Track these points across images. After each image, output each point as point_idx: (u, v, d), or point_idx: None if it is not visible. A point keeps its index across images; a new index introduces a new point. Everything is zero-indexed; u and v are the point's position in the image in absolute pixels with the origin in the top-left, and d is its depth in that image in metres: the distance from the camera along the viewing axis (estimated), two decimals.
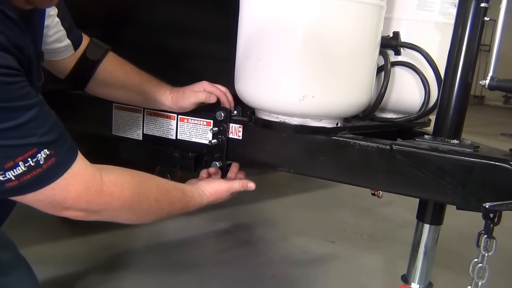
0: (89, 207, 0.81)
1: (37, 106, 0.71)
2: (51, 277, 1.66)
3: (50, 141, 0.72)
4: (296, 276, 1.89)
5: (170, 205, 0.95)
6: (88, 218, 0.82)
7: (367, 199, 1.56)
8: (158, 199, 0.91)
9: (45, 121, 0.72)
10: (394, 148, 0.94)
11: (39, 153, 0.70)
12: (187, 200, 1.00)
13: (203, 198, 1.04)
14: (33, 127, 0.70)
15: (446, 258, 1.93)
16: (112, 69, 1.17)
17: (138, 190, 0.87)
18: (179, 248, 2.05)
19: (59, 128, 0.76)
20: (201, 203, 1.04)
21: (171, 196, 0.96)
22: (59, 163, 0.74)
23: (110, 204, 0.83)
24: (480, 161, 0.87)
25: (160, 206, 0.92)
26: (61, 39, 1.07)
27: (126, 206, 0.85)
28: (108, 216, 0.85)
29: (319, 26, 0.94)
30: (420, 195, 1.00)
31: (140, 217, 0.91)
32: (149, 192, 0.90)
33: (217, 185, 1.08)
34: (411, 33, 1.18)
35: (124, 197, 0.84)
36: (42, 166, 0.71)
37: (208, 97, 1.16)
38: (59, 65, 1.12)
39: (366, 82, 1.04)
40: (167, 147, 1.26)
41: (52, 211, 0.79)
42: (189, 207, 1.00)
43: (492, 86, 0.93)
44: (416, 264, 1.12)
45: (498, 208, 0.86)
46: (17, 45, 0.72)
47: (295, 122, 1.03)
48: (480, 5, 0.93)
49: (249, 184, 1.13)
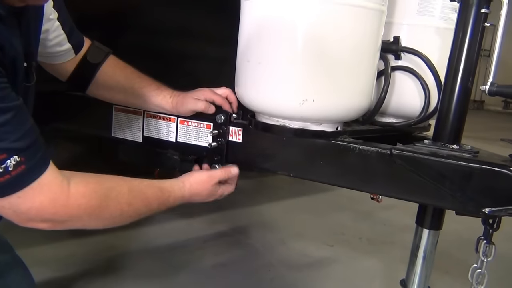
0: (54, 218, 0.78)
1: (13, 110, 0.69)
2: (49, 279, 1.66)
3: (21, 148, 0.70)
4: (294, 279, 1.89)
5: (146, 206, 0.93)
6: (53, 229, 0.80)
7: (366, 203, 1.57)
8: (131, 203, 0.89)
9: (20, 127, 0.70)
10: (393, 153, 0.94)
11: (9, 159, 0.68)
12: (165, 196, 0.97)
13: (184, 190, 1.01)
14: (6, 131, 0.67)
15: (445, 263, 1.93)
16: (113, 72, 1.17)
17: (106, 198, 0.84)
18: (178, 250, 2.05)
19: (34, 135, 0.73)
20: (182, 196, 1.00)
21: (145, 196, 0.93)
22: (29, 171, 0.72)
23: (77, 216, 0.80)
24: (479, 167, 0.87)
25: (133, 208, 0.90)
26: (61, 43, 1.07)
27: (94, 215, 0.83)
28: (76, 225, 0.82)
29: (320, 30, 0.94)
30: (420, 200, 1.00)
31: (112, 222, 0.89)
32: (119, 198, 0.87)
33: (198, 175, 1.05)
34: (412, 38, 1.18)
35: (92, 207, 0.81)
36: (10, 172, 0.69)
37: (207, 108, 1.14)
38: (60, 68, 1.12)
39: (366, 87, 1.04)
40: (167, 150, 1.26)
41: (16, 220, 0.76)
42: (169, 202, 0.97)
43: (492, 91, 0.93)
44: (415, 268, 1.12)
45: (498, 214, 0.86)
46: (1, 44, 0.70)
47: (295, 125, 1.03)
48: (481, 10, 0.93)
49: (231, 169, 1.09)
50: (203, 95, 1.16)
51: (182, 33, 1.79)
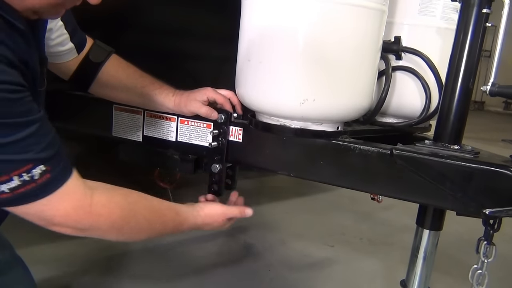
0: (77, 226, 0.81)
1: (38, 122, 0.71)
2: (49, 277, 1.66)
3: (46, 158, 0.72)
4: (295, 280, 1.89)
5: (162, 225, 0.96)
6: (76, 235, 0.83)
7: (367, 203, 1.57)
8: (150, 220, 0.92)
9: (44, 137, 0.72)
10: (394, 153, 0.94)
11: (34, 168, 0.71)
12: (180, 220, 1.00)
13: (197, 218, 1.04)
14: (32, 143, 0.70)
15: (445, 263, 1.93)
16: (115, 72, 1.18)
17: (128, 212, 0.87)
18: (178, 250, 2.05)
19: (57, 145, 0.76)
20: (195, 223, 1.04)
21: (163, 216, 0.96)
22: (53, 180, 0.74)
23: (97, 224, 0.83)
24: (480, 167, 0.87)
25: (151, 226, 0.93)
26: (64, 42, 1.07)
27: (114, 227, 0.86)
28: (96, 234, 0.85)
29: (320, 30, 0.94)
30: (420, 200, 0.99)
31: (130, 237, 0.92)
32: (140, 214, 0.90)
33: (213, 207, 1.08)
34: (413, 38, 1.18)
35: (113, 219, 0.84)
36: (36, 181, 0.71)
37: (209, 114, 1.15)
38: (63, 67, 1.12)
39: (367, 87, 1.03)
40: (167, 149, 1.25)
41: (42, 224, 0.79)
42: (183, 226, 1.01)
43: (493, 92, 0.93)
44: (415, 269, 1.12)
45: (498, 215, 0.86)
46: (23, 59, 0.72)
47: (295, 125, 1.03)
48: (482, 10, 0.93)
49: (246, 210, 1.13)
50: (206, 94, 1.16)
51: (183, 32, 1.78)
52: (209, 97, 1.16)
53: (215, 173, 1.17)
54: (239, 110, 1.17)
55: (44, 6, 0.72)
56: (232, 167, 1.26)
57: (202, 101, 1.16)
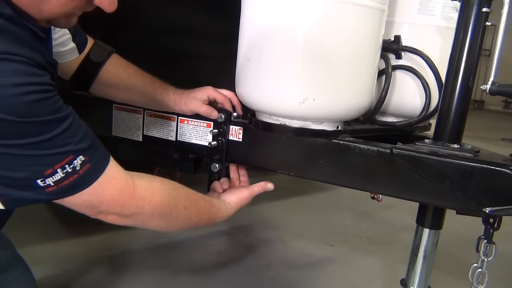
0: (122, 211, 0.83)
1: (70, 117, 0.74)
2: (50, 277, 1.66)
3: (84, 148, 0.75)
4: (294, 279, 1.89)
5: (198, 215, 0.97)
6: (120, 222, 0.86)
7: (367, 202, 1.57)
8: (187, 207, 0.93)
9: (79, 129, 0.76)
10: (394, 152, 0.94)
11: (75, 159, 0.74)
12: (214, 211, 1.02)
13: (229, 209, 1.07)
14: (69, 136, 0.73)
15: (445, 262, 1.93)
16: (115, 71, 1.18)
17: (168, 197, 0.89)
18: (178, 249, 2.05)
19: (91, 135, 0.79)
20: (227, 214, 1.06)
21: (199, 206, 0.98)
22: (94, 168, 0.77)
23: (142, 208, 0.85)
24: (480, 166, 0.87)
25: (188, 214, 0.94)
26: (66, 42, 1.08)
27: (156, 211, 0.88)
28: (140, 220, 0.87)
29: (320, 29, 0.94)
30: (420, 199, 0.99)
31: (169, 224, 0.94)
32: (178, 200, 0.92)
33: (240, 193, 1.11)
34: (412, 37, 1.18)
35: (155, 202, 0.87)
36: (78, 172, 0.74)
37: (209, 113, 1.16)
38: (64, 67, 1.12)
39: (367, 86, 1.04)
40: (167, 149, 1.26)
41: (88, 213, 0.82)
42: (216, 219, 1.02)
43: (493, 91, 0.93)
44: (415, 268, 1.12)
45: (498, 213, 0.86)
46: (50, 62, 0.75)
47: (295, 125, 1.03)
48: (482, 9, 0.93)
49: (268, 185, 1.15)
50: (206, 93, 1.16)
51: (183, 32, 1.78)
52: (210, 96, 1.16)
53: (215, 172, 1.17)
54: (239, 110, 1.17)
55: (59, 16, 0.75)
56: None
57: (203, 100, 1.16)
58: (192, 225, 0.97)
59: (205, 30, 1.79)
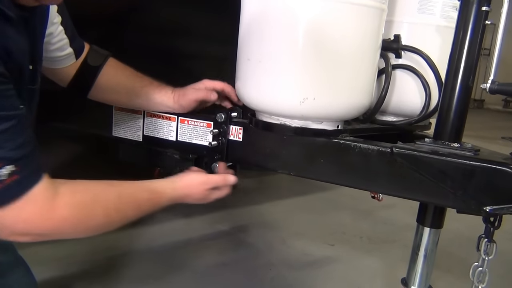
0: (39, 232, 0.77)
1: (15, 119, 0.68)
2: (49, 278, 1.66)
3: (17, 158, 0.69)
4: (295, 279, 1.89)
5: (136, 209, 0.92)
6: (34, 241, 0.78)
7: (367, 202, 1.56)
8: (119, 209, 0.88)
9: (18, 136, 0.69)
10: (394, 151, 0.94)
11: (4, 167, 0.67)
12: (156, 198, 0.96)
13: (176, 191, 1.00)
14: (4, 140, 0.67)
15: (446, 261, 1.93)
16: (114, 74, 1.18)
17: (93, 207, 0.83)
18: (179, 249, 2.05)
19: (30, 146, 0.72)
20: (174, 197, 1.00)
21: (135, 201, 0.92)
22: (21, 182, 0.70)
23: (61, 228, 0.79)
24: (480, 165, 0.87)
25: (122, 214, 0.89)
26: (63, 47, 1.07)
27: (80, 225, 0.82)
28: (59, 237, 0.81)
29: (320, 28, 0.94)
30: (421, 198, 0.99)
31: (99, 230, 0.88)
32: (107, 205, 0.86)
33: (192, 177, 1.04)
34: (412, 36, 1.18)
35: (77, 218, 0.80)
36: (3, 181, 0.67)
37: (208, 95, 1.16)
38: (61, 73, 1.12)
39: (367, 85, 1.04)
40: (167, 149, 1.26)
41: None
42: (161, 203, 0.97)
43: (493, 89, 0.93)
44: (416, 267, 1.12)
45: (499, 212, 0.86)
46: (7, 48, 0.69)
47: (295, 124, 1.03)
48: (481, 8, 0.93)
49: (229, 177, 1.08)
50: (203, 84, 1.18)
51: (182, 32, 1.78)
52: (207, 86, 1.17)
53: (216, 172, 1.17)
54: (234, 97, 1.18)
55: None
56: (233, 166, 1.26)
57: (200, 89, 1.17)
58: (133, 218, 0.91)
59: (205, 30, 1.79)
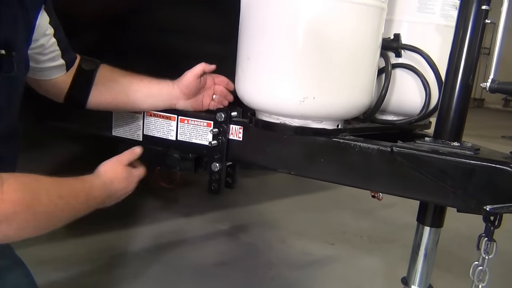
0: None
1: None
2: (49, 279, 1.66)
3: None
4: (295, 278, 1.89)
5: (75, 197, 0.92)
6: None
7: (367, 201, 1.56)
8: (61, 195, 0.88)
9: None
10: (394, 150, 0.94)
11: None
12: (88, 186, 0.97)
13: (100, 177, 1.03)
14: None
15: (446, 260, 1.93)
16: (110, 73, 1.18)
17: (38, 190, 0.83)
18: (178, 249, 2.05)
19: None
20: (103, 182, 1.03)
21: (71, 187, 0.93)
22: None
23: (13, 212, 0.77)
24: (481, 164, 0.87)
25: (64, 201, 0.89)
26: (55, 58, 1.07)
27: (30, 209, 0.81)
28: (13, 226, 0.79)
29: (320, 27, 0.94)
30: (421, 197, 1.00)
31: (47, 221, 0.86)
32: (49, 190, 0.86)
33: (106, 162, 1.08)
34: (412, 35, 1.18)
35: (26, 200, 0.80)
36: None
37: (206, 67, 1.19)
38: (54, 86, 1.11)
39: (367, 84, 1.04)
40: (167, 148, 1.25)
41: None
42: (93, 192, 0.98)
43: (493, 88, 0.93)
44: (416, 266, 1.12)
45: (499, 211, 0.86)
46: None
47: (295, 123, 1.03)
48: (481, 7, 0.93)
49: (135, 150, 1.15)
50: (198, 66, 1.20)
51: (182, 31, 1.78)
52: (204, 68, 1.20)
53: (215, 171, 1.17)
54: (231, 86, 1.19)
55: None
56: (233, 166, 1.26)
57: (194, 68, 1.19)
58: (73, 212, 0.91)
59: (205, 29, 1.79)
